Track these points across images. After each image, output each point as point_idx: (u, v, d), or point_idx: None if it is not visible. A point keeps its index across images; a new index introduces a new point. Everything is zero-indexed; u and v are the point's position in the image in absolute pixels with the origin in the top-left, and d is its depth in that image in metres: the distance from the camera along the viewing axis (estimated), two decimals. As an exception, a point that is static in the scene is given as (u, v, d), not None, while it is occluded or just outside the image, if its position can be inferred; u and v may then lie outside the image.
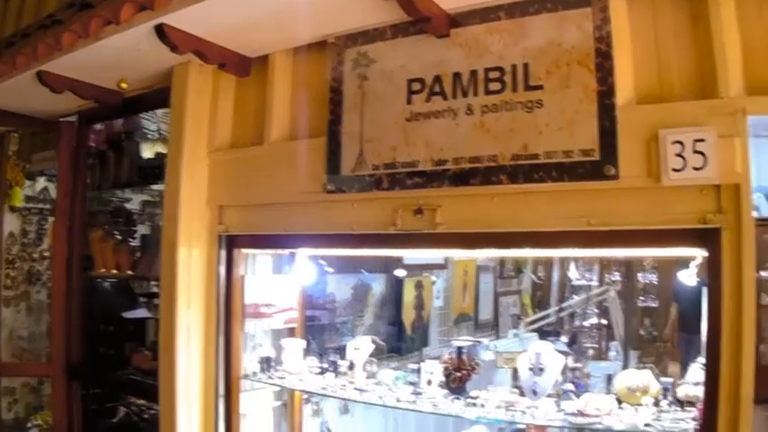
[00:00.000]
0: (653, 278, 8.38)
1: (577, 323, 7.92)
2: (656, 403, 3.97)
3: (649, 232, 3.46)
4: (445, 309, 7.68)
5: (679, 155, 3.30)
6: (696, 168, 3.27)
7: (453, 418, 4.40)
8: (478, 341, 4.91)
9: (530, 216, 3.72)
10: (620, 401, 4.02)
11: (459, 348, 4.49)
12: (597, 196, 3.55)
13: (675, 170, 3.31)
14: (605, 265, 8.48)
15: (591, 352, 6.21)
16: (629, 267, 8.59)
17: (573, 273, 8.22)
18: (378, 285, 7.06)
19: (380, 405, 4.47)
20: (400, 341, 6.93)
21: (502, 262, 8.53)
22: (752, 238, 3.23)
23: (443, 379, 4.46)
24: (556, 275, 9.00)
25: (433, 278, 7.36)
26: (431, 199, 3.98)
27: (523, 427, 4.67)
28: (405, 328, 7.10)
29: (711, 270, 3.33)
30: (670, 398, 3.99)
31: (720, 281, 3.27)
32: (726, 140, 3.23)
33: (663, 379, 4.08)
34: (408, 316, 7.16)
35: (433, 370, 4.51)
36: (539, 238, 3.78)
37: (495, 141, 3.76)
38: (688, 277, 3.93)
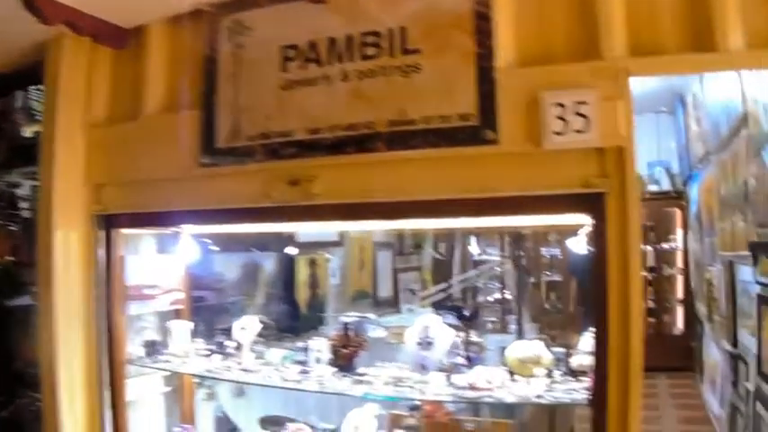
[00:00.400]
0: (557, 252, 8.32)
1: (480, 298, 7.79)
2: (549, 374, 3.88)
3: (533, 198, 3.35)
4: (342, 287, 7.49)
5: (560, 117, 3.18)
6: (578, 131, 3.16)
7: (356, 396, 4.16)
8: (365, 317, 4.70)
9: (409, 185, 3.55)
10: (512, 373, 3.91)
11: (346, 325, 4.28)
12: (478, 162, 3.41)
13: (556, 133, 3.19)
14: (511, 239, 8.41)
15: (490, 325, 6.06)
16: (533, 241, 8.54)
17: (474, 248, 8.08)
18: (269, 264, 6.77)
19: (266, 385, 4.26)
20: (295, 320, 6.69)
21: (400, 238, 8.38)
22: (637, 203, 3.15)
23: (332, 357, 4.25)
24: (457, 251, 8.89)
25: (328, 256, 7.16)
26: (306, 169, 3.76)
27: (420, 403, 4.51)
28: (299, 307, 6.86)
29: (597, 236, 3.23)
30: (563, 368, 3.91)
31: (606, 247, 3.17)
32: (609, 102, 3.14)
33: (555, 349, 4.01)
34: (302, 295, 6.92)
35: (321, 348, 4.32)
36: (419, 208, 3.62)
37: (370, 108, 3.57)
38: (577, 245, 3.81)
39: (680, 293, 10.77)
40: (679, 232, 10.64)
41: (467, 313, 7.22)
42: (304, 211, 3.84)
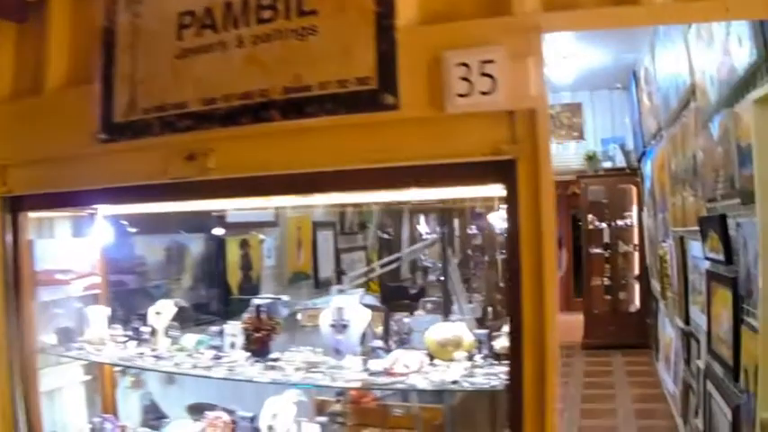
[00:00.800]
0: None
1: (430, 277, 7.55)
2: (471, 357, 3.59)
3: (440, 168, 3.04)
4: (278, 268, 7.21)
5: (465, 78, 2.84)
6: (484, 93, 2.82)
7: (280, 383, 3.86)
8: (278, 298, 4.40)
9: (308, 156, 3.21)
10: (432, 357, 3.62)
11: (258, 307, 3.97)
12: (380, 130, 3.08)
13: (460, 96, 2.85)
14: (462, 217, 8.23)
15: (429, 305, 5.78)
16: (487, 219, 8.36)
17: (423, 227, 7.84)
18: (197, 246, 6.47)
19: (175, 373, 4.06)
20: (227, 304, 6.40)
21: (342, 217, 8.12)
22: (550, 170, 2.85)
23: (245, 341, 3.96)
24: (406, 230, 8.65)
25: (261, 236, 6.87)
26: (203, 143, 3.40)
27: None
28: (231, 289, 6.59)
29: (509, 207, 2.91)
30: (485, 351, 3.62)
31: (518, 219, 2.87)
32: (518, 61, 2.81)
33: (476, 331, 3.72)
34: (234, 277, 6.65)
35: (235, 332, 4.02)
36: (320, 181, 3.30)
37: (265, 74, 3.21)
38: (499, 220, 3.52)
39: (636, 270, 10.67)
40: (634, 209, 10.53)
41: (417, 293, 6.99)
42: (202, 187, 3.51)
